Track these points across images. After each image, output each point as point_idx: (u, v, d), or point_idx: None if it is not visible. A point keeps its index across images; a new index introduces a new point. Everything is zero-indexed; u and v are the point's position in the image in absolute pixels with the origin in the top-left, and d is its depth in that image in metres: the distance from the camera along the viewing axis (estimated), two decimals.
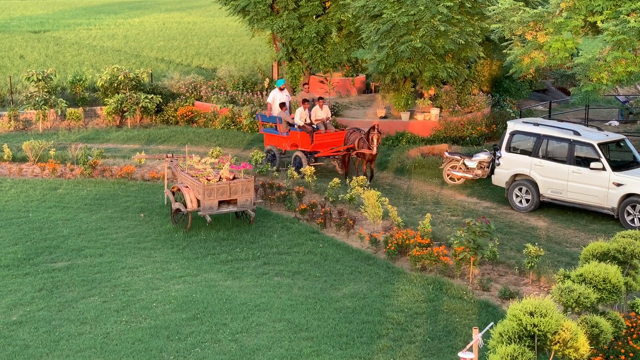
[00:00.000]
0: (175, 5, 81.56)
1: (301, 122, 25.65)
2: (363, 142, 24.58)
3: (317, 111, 26.14)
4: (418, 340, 14.90)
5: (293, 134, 25.69)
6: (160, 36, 55.45)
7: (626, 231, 15.05)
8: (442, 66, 28.55)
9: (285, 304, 16.39)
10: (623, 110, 33.61)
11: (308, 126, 25.63)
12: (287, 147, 26.05)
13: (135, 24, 63.35)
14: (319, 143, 25.36)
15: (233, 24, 51.69)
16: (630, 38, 20.40)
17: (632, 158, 22.55)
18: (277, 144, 26.30)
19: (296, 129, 25.58)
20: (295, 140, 25.68)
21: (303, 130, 25.49)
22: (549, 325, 10.39)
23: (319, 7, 33.05)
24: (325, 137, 25.52)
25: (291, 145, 25.86)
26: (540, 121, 24.01)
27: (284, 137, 26.02)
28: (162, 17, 68.37)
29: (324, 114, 26.22)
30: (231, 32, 56.68)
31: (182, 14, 71.75)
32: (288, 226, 21.11)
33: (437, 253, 18.12)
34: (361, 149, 24.62)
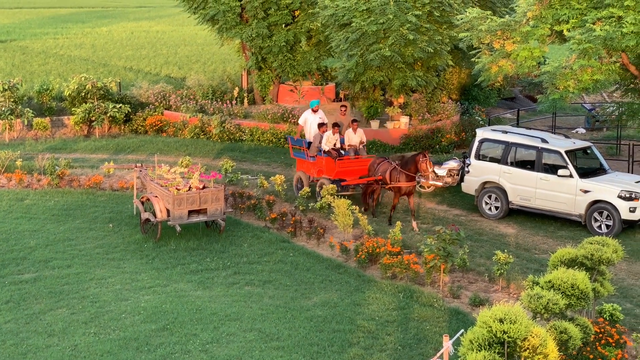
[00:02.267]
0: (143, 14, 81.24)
1: (327, 146, 23.48)
2: (397, 173, 21.92)
3: (350, 135, 23.76)
4: (389, 348, 14.91)
5: (319, 160, 23.70)
6: (128, 45, 55.19)
7: (593, 237, 15.18)
8: (411, 74, 28.67)
9: (256, 313, 16.33)
10: (589, 117, 33.94)
11: (333, 151, 23.45)
12: (314, 174, 23.95)
13: (103, 33, 63.02)
14: (343, 170, 23.24)
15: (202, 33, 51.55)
16: (595, 46, 20.60)
17: (599, 165, 22.77)
18: (306, 170, 24.24)
19: (322, 154, 23.62)
20: (321, 166, 23.67)
21: (328, 156, 23.43)
22: (519, 331, 10.44)
23: (288, 16, 33.08)
24: (350, 164, 23.35)
25: (317, 171, 23.82)
26: (509, 129, 24.18)
27: (311, 163, 23.98)
28: (130, 26, 68.07)
29: (358, 138, 23.80)
30: (200, 41, 56.54)
31: (150, 22, 71.48)
32: (258, 235, 21.05)
33: (408, 261, 18.16)
34: (397, 182, 21.86)
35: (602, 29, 20.34)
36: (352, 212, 20.60)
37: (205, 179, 20.99)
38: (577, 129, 33.31)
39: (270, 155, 29.35)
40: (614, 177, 22.19)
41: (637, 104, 24.77)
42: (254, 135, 30.70)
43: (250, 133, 30.83)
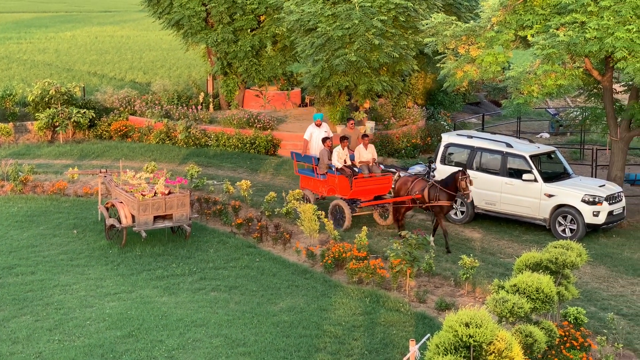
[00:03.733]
0: (107, 18, 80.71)
1: (339, 163, 22.07)
2: (437, 192, 20.76)
3: (361, 151, 22.37)
4: (356, 353, 14.90)
5: (330, 178, 22.24)
6: (92, 50, 54.78)
7: (558, 241, 15.31)
8: (376, 79, 28.74)
9: (222, 319, 16.26)
10: (553, 122, 34.24)
11: (347, 169, 22.01)
12: (324, 193, 22.65)
13: (66, 37, 62.49)
14: (360, 189, 21.90)
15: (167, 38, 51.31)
16: (559, 52, 20.79)
17: (563, 169, 22.98)
18: (313, 188, 22.84)
19: (334, 171, 22.14)
20: (333, 184, 22.24)
21: (341, 174, 21.99)
22: (484, 335, 10.48)
23: (253, 21, 33.04)
24: (368, 183, 21.95)
25: (328, 190, 22.49)
26: (474, 133, 24.33)
27: (320, 181, 22.52)
28: (95, 31, 67.58)
29: (369, 154, 22.43)
30: (165, 45, 56.27)
31: (114, 27, 71.02)
32: (224, 241, 20.97)
33: (374, 266, 18.17)
34: (437, 202, 20.71)
35: (566, 34, 20.53)
36: (318, 217, 20.59)
37: (171, 184, 20.88)
38: (541, 133, 33.59)
39: (236, 160, 29.27)
40: (578, 181, 22.41)
41: (600, 108, 25.02)
42: (220, 141, 30.60)
43: (216, 138, 30.72)
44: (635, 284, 18.77)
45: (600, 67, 23.32)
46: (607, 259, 20.19)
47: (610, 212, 21.65)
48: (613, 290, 18.44)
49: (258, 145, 30.17)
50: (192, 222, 21.10)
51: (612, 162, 23.71)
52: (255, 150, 30.18)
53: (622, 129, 23.42)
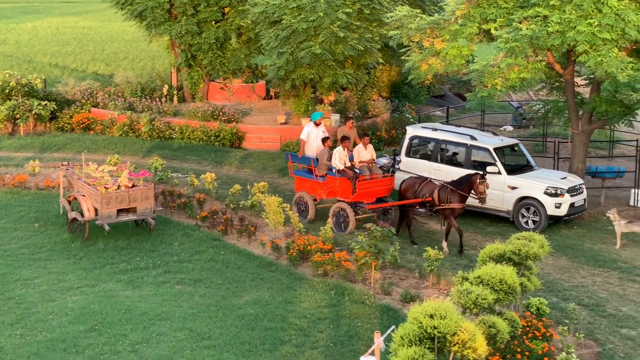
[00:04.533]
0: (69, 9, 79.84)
1: (340, 165, 21.20)
2: (448, 193, 20.13)
3: (360, 151, 21.64)
4: (321, 345, 14.93)
5: (331, 180, 21.37)
6: (54, 41, 54.17)
7: (521, 233, 15.44)
8: (341, 72, 28.74)
9: (187, 312, 16.20)
10: (516, 115, 34.47)
11: (349, 170, 21.18)
12: (323, 196, 21.77)
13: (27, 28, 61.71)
14: (363, 192, 21.15)
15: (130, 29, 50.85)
16: (522, 45, 20.93)
17: (526, 162, 23.15)
18: (310, 190, 21.92)
19: (334, 173, 21.30)
20: (334, 187, 21.37)
21: (343, 176, 21.16)
22: (449, 327, 10.55)
23: (217, 13, 32.87)
24: (371, 185, 21.20)
25: (328, 193, 21.66)
26: (438, 126, 24.43)
27: (319, 183, 21.69)
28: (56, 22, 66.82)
29: (369, 154, 21.74)
30: (128, 37, 55.79)
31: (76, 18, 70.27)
32: (189, 234, 20.89)
33: (339, 258, 18.20)
34: (449, 204, 20.08)
35: (529, 28, 20.67)
36: (283, 209, 20.57)
37: (135, 177, 20.74)
38: (505, 126, 33.81)
39: (201, 153, 29.14)
40: (541, 173, 22.60)
41: (562, 101, 25.23)
42: (184, 133, 30.43)
43: (180, 131, 30.55)
44: (596, 274, 18.98)
45: (562, 60, 23.52)
46: (569, 250, 20.40)
47: (572, 204, 21.86)
48: (574, 280, 18.64)
49: (223, 137, 30.05)
50: (156, 215, 20.97)
51: (574, 154, 23.94)
52: (220, 142, 30.05)
53: (583, 122, 23.64)
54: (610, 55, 20.18)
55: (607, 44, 20.33)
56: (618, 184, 25.38)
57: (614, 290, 18.13)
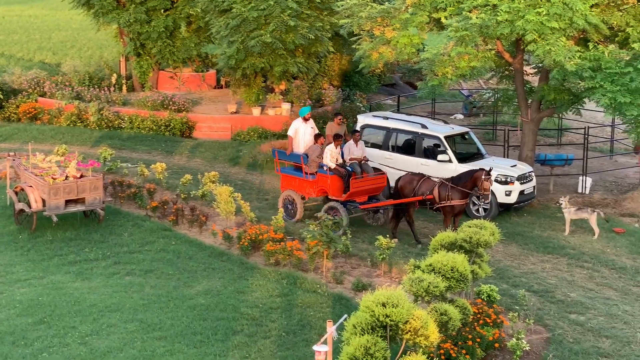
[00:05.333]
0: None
1: (332, 163, 20.59)
2: (448, 191, 19.61)
3: (351, 148, 20.95)
4: (273, 335, 14.89)
5: (322, 178, 20.68)
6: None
7: (472, 221, 15.53)
8: (292, 61, 28.66)
9: (137, 303, 16.05)
10: (467, 103, 34.71)
11: (341, 168, 20.59)
12: (313, 194, 21.05)
13: None
14: (357, 190, 20.47)
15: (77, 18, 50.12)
16: (472, 34, 21.04)
17: (476, 150, 23.32)
18: (298, 188, 21.18)
19: (326, 171, 20.68)
20: (325, 185, 20.68)
21: (335, 174, 20.58)
22: (401, 315, 10.56)
23: (167, 1, 32.54)
24: (365, 183, 20.57)
25: (318, 191, 20.97)
26: (390, 115, 24.49)
27: (308, 181, 20.96)
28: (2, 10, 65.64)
29: (360, 151, 21.14)
30: (75, 25, 55.00)
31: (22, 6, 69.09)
32: (139, 224, 20.69)
33: (291, 247, 18.17)
34: (451, 201, 19.54)
35: (478, 17, 20.78)
36: (235, 199, 20.46)
37: (83, 167, 20.49)
38: (456, 114, 34.03)
39: (151, 143, 28.85)
40: (491, 161, 22.76)
41: (512, 90, 25.45)
42: (134, 123, 30.11)
43: (129, 120, 30.21)
44: (545, 261, 19.21)
45: (511, 49, 23.71)
46: (519, 237, 20.60)
47: (522, 191, 22.07)
48: (524, 267, 18.83)
49: (173, 127, 29.79)
50: (105, 206, 20.75)
51: (523, 142, 24.17)
52: (170, 132, 29.80)
53: (532, 110, 23.87)
54: (558, 44, 20.38)
55: (555, 33, 20.52)
56: (566, 171, 25.70)
57: (562, 277, 18.36)
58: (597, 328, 15.74)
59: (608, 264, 19.19)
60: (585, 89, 21.23)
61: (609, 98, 20.34)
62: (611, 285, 18.03)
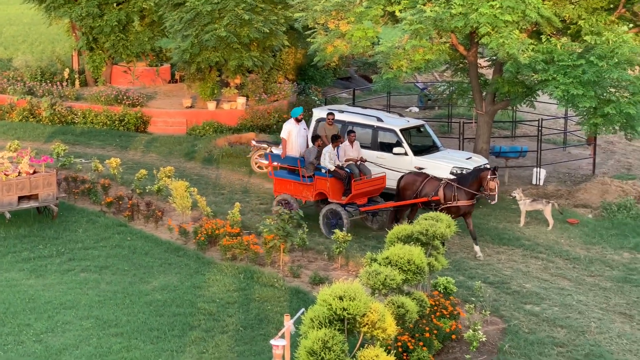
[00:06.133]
0: None
1: (331, 165, 20.07)
2: (454, 191, 19.04)
3: (346, 149, 20.47)
4: (230, 329, 14.85)
5: (320, 181, 20.12)
6: None
7: (428, 213, 15.62)
8: (247, 55, 28.56)
9: (93, 300, 15.91)
10: (422, 97, 34.84)
11: (341, 170, 20.05)
12: (310, 198, 20.48)
13: None
14: (358, 192, 19.92)
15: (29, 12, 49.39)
16: (426, 27, 21.11)
17: (432, 143, 23.43)
18: (294, 192, 20.50)
19: (325, 174, 20.15)
20: (324, 188, 20.13)
21: (334, 176, 20.08)
22: (358, 308, 10.58)
23: None
24: (365, 185, 20.09)
25: (315, 194, 20.40)
26: (345, 108, 24.49)
27: (305, 185, 20.38)
28: None
29: (356, 152, 20.71)
30: (27, 20, 54.23)
31: None
32: (94, 220, 20.49)
33: (247, 242, 18.12)
34: (456, 202, 18.98)
35: (432, 10, 20.85)
36: (191, 194, 20.34)
37: (36, 163, 20.23)
38: (411, 107, 34.14)
39: (105, 138, 28.56)
40: (446, 154, 22.89)
41: (466, 83, 25.60)
42: (87, 118, 29.79)
43: (83, 116, 29.89)
44: (501, 252, 19.37)
45: (465, 42, 23.84)
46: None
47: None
48: (480, 259, 18.97)
49: (127, 122, 29.53)
50: (59, 202, 20.52)
51: (478, 135, 24.34)
52: (124, 127, 29.53)
53: (487, 103, 24.05)
54: (511, 37, 20.53)
55: (509, 25, 20.66)
56: (521, 163, 25.93)
57: (518, 268, 18.54)
58: (552, 318, 15.92)
59: (562, 254, 19.43)
60: (539, 82, 21.43)
61: (562, 90, 20.56)
62: (565, 276, 18.25)
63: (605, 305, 16.77)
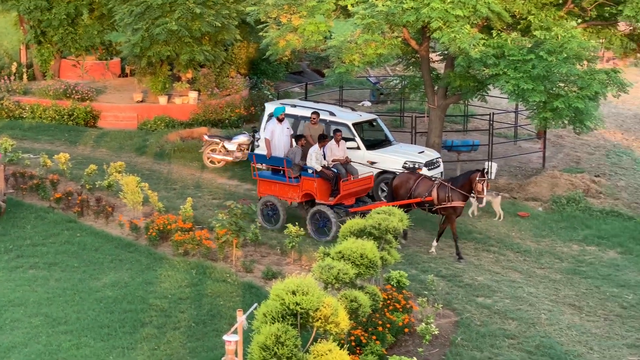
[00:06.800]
0: None
1: (318, 165, 19.73)
2: (448, 192, 18.59)
3: (333, 148, 20.16)
4: (182, 325, 14.73)
5: (307, 181, 19.75)
6: None
7: (380, 207, 15.62)
8: (199, 49, 28.37)
9: (42, 297, 15.68)
10: (374, 91, 34.93)
11: (328, 170, 19.75)
12: (297, 199, 20.06)
13: None
14: (346, 193, 19.59)
15: None
16: (379, 21, 21.13)
17: (384, 137, 23.48)
18: (280, 193, 20.08)
19: (312, 174, 19.78)
20: (311, 189, 19.76)
21: (321, 177, 19.73)
22: (311, 302, 10.55)
23: None
24: (353, 185, 19.77)
25: (302, 195, 19.98)
26: (297, 102, 24.44)
27: (291, 186, 19.94)
28: None
29: (342, 151, 20.43)
30: None
31: None
32: (42, 216, 20.20)
33: (200, 237, 17.99)
34: (451, 203, 18.55)
35: (384, 4, 20.88)
36: (142, 189, 20.14)
37: None
38: (363, 102, 34.20)
39: (54, 132, 28.17)
40: (399, 148, 22.97)
41: (418, 77, 25.70)
42: (35, 113, 29.35)
43: (31, 110, 29.44)
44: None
45: (417, 36, 23.92)
46: (427, 223, 20.83)
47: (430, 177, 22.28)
48: (433, 252, 19.05)
49: (77, 116, 29.16)
50: (6, 198, 20.23)
51: (430, 129, 24.45)
52: (73, 122, 29.16)
53: (439, 97, 24.16)
54: (462, 31, 20.64)
55: (460, 20, 20.77)
56: (472, 157, 26.12)
57: (470, 261, 18.67)
58: (503, 310, 16.05)
59: (513, 247, 19.61)
60: (490, 76, 21.59)
61: (512, 85, 20.73)
62: (516, 268, 18.42)
63: (555, 297, 16.96)
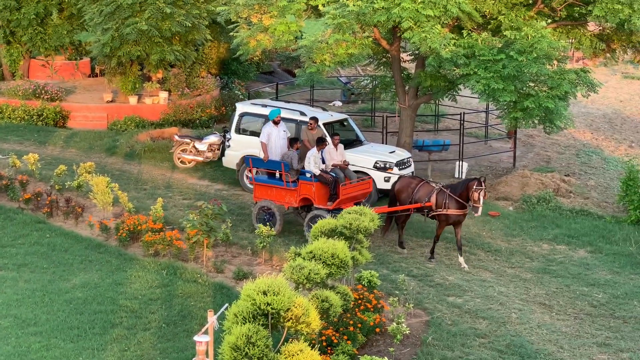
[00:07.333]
0: None
1: (317, 169, 19.49)
2: (445, 198, 18.38)
3: (331, 152, 19.95)
4: (153, 326, 14.66)
5: (305, 186, 19.45)
6: None
7: (352, 207, 15.64)
8: (169, 49, 28.27)
9: (11, 298, 15.55)
10: (345, 91, 34.98)
11: (326, 174, 19.48)
12: (294, 203, 19.70)
13: None
14: (345, 197, 19.35)
15: None
16: (349, 21, 21.16)
17: (355, 136, 23.51)
18: (276, 198, 19.70)
19: (310, 178, 19.53)
20: (309, 193, 19.48)
21: (320, 181, 19.47)
22: (282, 303, 10.53)
23: None
24: (352, 189, 19.53)
25: (300, 200, 19.70)
26: (268, 102, 24.42)
27: (289, 190, 19.61)
28: None
29: (341, 155, 20.20)
30: None
31: None
32: (11, 217, 20.01)
33: (170, 237, 17.92)
34: (447, 209, 18.38)
35: (355, 4, 20.91)
36: (112, 189, 20.01)
37: None
38: (334, 101, 34.23)
39: (23, 133, 27.93)
40: (370, 148, 23.01)
41: (389, 77, 25.76)
42: (4, 113, 29.11)
43: (0, 110, 29.18)
44: (424, 245, 19.54)
45: (388, 36, 23.98)
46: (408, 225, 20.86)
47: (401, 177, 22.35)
48: (404, 252, 19.10)
49: (46, 117, 28.94)
50: None
51: (401, 128, 24.52)
52: (43, 122, 28.93)
53: (409, 97, 24.23)
54: (433, 31, 20.71)
55: (431, 20, 20.85)
56: (443, 156, 26.22)
57: (441, 260, 18.74)
58: (474, 310, 16.13)
59: (484, 246, 19.70)
60: (460, 76, 21.68)
61: (483, 84, 20.84)
62: (487, 268, 18.51)
63: (526, 296, 17.07)
